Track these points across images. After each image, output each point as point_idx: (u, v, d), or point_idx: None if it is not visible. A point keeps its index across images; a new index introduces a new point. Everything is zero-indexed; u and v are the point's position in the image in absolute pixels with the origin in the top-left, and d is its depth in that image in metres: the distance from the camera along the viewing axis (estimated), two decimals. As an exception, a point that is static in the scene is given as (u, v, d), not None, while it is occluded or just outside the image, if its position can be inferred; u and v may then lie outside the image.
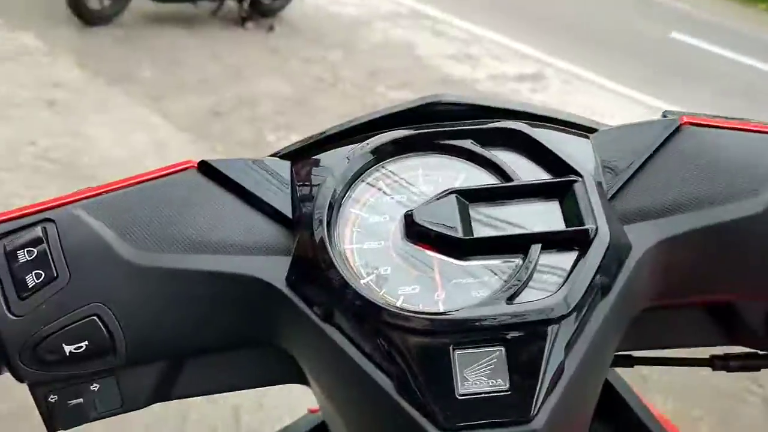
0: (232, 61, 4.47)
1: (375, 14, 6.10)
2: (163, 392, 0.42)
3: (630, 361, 0.49)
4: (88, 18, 4.43)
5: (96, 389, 0.38)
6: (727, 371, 0.47)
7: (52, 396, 0.38)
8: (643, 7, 8.21)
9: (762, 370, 0.47)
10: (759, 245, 0.40)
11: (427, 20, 6.25)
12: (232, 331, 0.41)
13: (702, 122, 0.42)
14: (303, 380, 0.44)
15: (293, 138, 3.53)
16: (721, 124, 0.42)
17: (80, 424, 0.40)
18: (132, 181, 0.40)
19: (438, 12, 6.48)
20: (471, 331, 0.35)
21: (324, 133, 0.43)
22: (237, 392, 0.46)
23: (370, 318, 0.36)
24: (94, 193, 0.39)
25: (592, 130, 0.44)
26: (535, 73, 5.42)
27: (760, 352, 0.46)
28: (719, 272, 0.41)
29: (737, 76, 6.14)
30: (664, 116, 0.45)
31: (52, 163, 2.94)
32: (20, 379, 0.37)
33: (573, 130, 0.44)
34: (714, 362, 0.47)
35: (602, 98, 5.02)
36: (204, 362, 0.42)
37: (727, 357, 0.47)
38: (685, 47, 7.00)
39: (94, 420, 0.40)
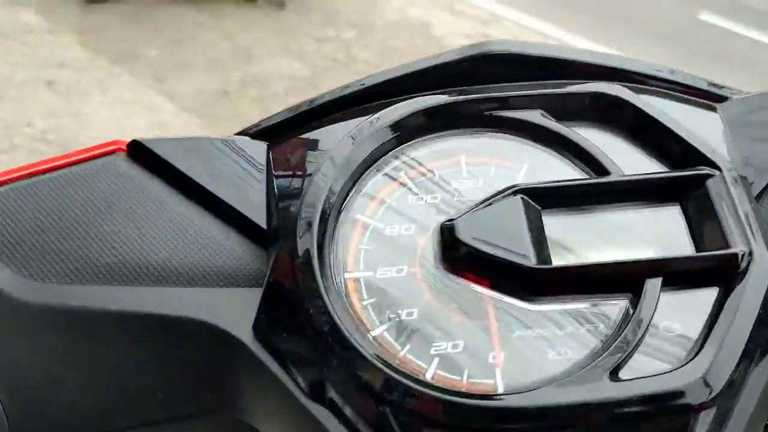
0: (242, 39, 4.32)
1: (391, -8, 5.94)
2: None
3: None
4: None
5: None
6: None
7: None
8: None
9: None
10: None
11: (444, -1, 6.05)
12: (172, 401, 0.27)
13: None
14: None
15: (303, 120, 3.42)
16: None
17: None
18: (29, 171, 0.26)
19: (455, -10, 6.30)
20: (556, 429, 0.21)
21: (317, 99, 0.29)
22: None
23: (383, 399, 0.22)
24: None
25: (721, 99, 0.29)
26: (556, 54, 5.23)
27: None
28: None
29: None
30: None
31: (49, 145, 2.83)
32: None
33: (692, 98, 0.29)
34: None
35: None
36: None
37: None
38: (715, 30, 6.76)
39: None
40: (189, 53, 3.97)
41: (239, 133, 0.31)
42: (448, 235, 0.25)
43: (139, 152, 0.28)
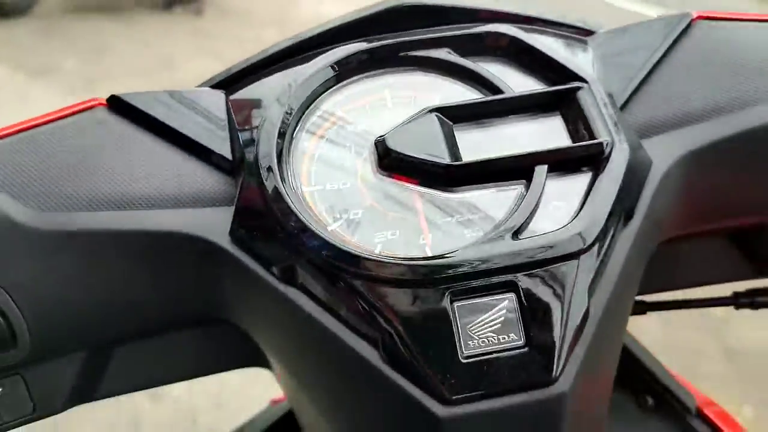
0: (162, 46, 4.28)
1: (307, -10, 5.97)
2: (86, 391, 0.34)
3: (643, 307, 0.43)
4: (2, 9, 4.17)
5: None
6: (753, 308, 0.41)
7: None
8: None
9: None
10: None
11: (359, -6, 6.18)
12: (166, 308, 0.32)
13: (716, 16, 0.36)
14: (262, 361, 0.36)
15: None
16: (738, 17, 0.36)
17: None
18: (24, 126, 0.32)
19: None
20: (472, 276, 0.28)
21: (266, 51, 0.35)
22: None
23: (342, 271, 0.28)
24: None
25: (590, 33, 0.37)
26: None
27: None
28: (751, 189, 0.35)
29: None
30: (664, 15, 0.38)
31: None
32: None
33: (568, 34, 0.37)
34: (738, 299, 0.41)
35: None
36: (137, 349, 0.34)
37: (752, 292, 0.41)
38: (620, 11, 7.09)
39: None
40: (110, 63, 3.91)
41: (200, 85, 0.36)
42: (381, 147, 0.31)
43: (118, 105, 0.33)
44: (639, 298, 0.43)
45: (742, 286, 0.42)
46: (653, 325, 2.02)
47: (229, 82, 0.35)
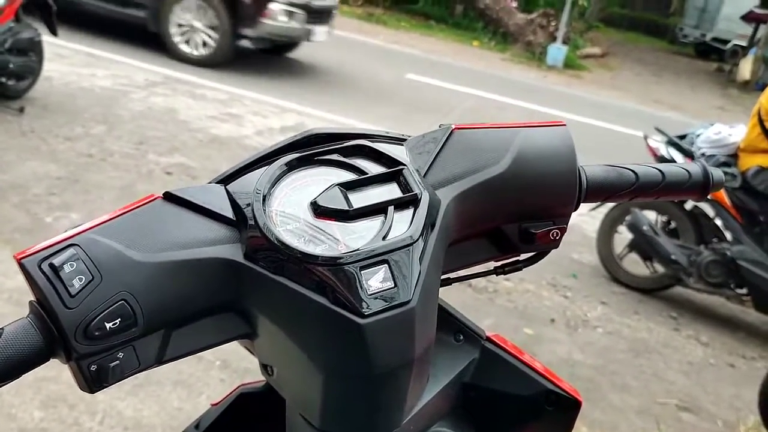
0: None
1: (130, 84, 6.03)
2: (161, 356, 0.52)
3: (448, 282, 0.76)
4: None
5: (121, 357, 0.49)
6: (504, 274, 0.75)
7: (92, 366, 0.47)
8: (382, 54, 9.05)
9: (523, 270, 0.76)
10: (507, 189, 0.60)
11: (183, 85, 6.32)
12: (210, 299, 0.52)
13: (466, 126, 0.69)
14: (251, 335, 0.58)
15: (73, 216, 3.44)
16: (478, 126, 0.65)
17: (113, 383, 0.49)
18: (118, 214, 0.54)
19: (193, 77, 6.62)
20: (367, 258, 0.51)
21: (240, 164, 0.64)
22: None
23: (307, 264, 0.50)
24: (95, 224, 0.52)
25: (404, 139, 0.70)
26: (297, 123, 5.79)
27: (520, 258, 0.75)
28: (489, 209, 0.60)
29: (464, 102, 7.00)
30: (441, 126, 0.73)
31: None
32: (69, 357, 0.47)
33: (394, 141, 0.69)
34: (496, 270, 0.76)
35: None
36: (185, 332, 0.53)
37: (502, 265, 0.76)
38: (420, 84, 7.89)
39: (121, 380, 0.50)
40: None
41: (211, 182, 0.63)
42: (315, 205, 0.55)
43: (169, 197, 0.54)
44: (444, 276, 0.65)
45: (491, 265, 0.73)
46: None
47: (224, 180, 0.63)
